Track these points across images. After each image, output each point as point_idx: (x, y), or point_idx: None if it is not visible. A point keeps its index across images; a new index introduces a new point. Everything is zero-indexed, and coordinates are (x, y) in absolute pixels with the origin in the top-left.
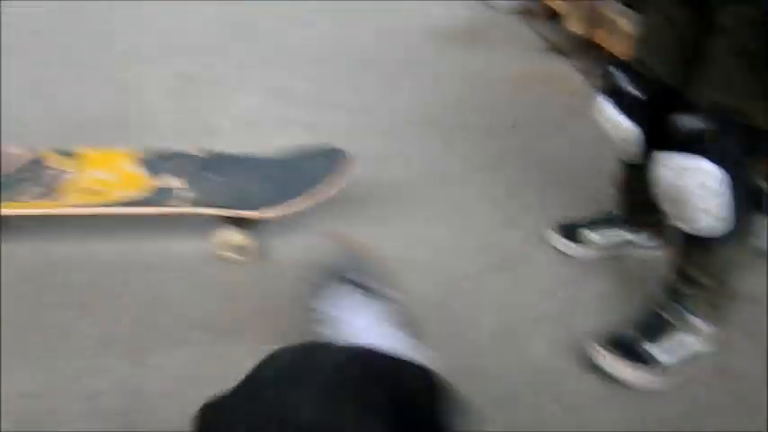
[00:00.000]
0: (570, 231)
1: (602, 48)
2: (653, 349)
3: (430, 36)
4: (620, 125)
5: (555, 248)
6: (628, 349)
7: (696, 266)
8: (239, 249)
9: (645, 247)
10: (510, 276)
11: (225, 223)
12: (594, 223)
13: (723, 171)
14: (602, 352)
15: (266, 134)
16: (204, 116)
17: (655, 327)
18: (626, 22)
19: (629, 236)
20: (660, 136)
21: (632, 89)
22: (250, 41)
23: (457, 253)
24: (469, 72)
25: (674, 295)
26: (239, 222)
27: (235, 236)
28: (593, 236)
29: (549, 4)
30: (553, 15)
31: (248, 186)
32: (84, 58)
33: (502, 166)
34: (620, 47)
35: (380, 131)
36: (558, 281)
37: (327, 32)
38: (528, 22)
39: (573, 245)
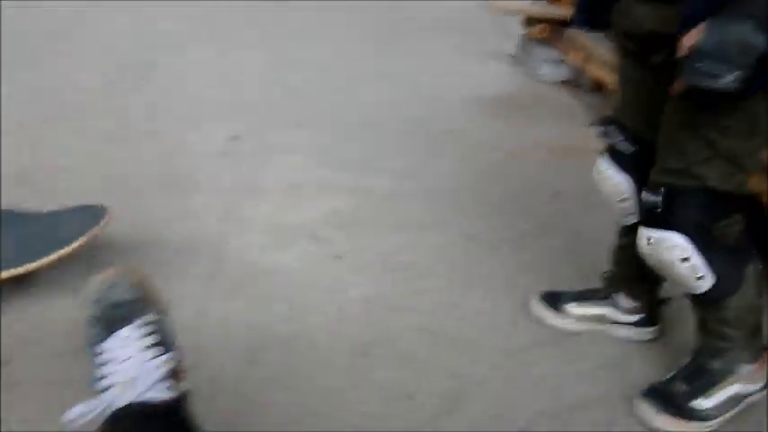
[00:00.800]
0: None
1: None
2: (703, 404)
3: (474, 104)
4: (609, 179)
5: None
6: (677, 405)
7: (714, 320)
8: None
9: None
10: (555, 353)
11: None
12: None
13: (691, 237)
14: (649, 408)
15: (308, 196)
16: (248, 176)
17: (702, 381)
18: None
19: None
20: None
21: (621, 143)
22: (297, 104)
23: (495, 327)
24: (512, 142)
25: (711, 350)
26: None
27: None
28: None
29: (596, 76)
30: (600, 87)
31: None
32: (139, 118)
33: (542, 237)
34: None
35: (422, 197)
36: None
37: (372, 97)
38: (573, 94)
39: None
